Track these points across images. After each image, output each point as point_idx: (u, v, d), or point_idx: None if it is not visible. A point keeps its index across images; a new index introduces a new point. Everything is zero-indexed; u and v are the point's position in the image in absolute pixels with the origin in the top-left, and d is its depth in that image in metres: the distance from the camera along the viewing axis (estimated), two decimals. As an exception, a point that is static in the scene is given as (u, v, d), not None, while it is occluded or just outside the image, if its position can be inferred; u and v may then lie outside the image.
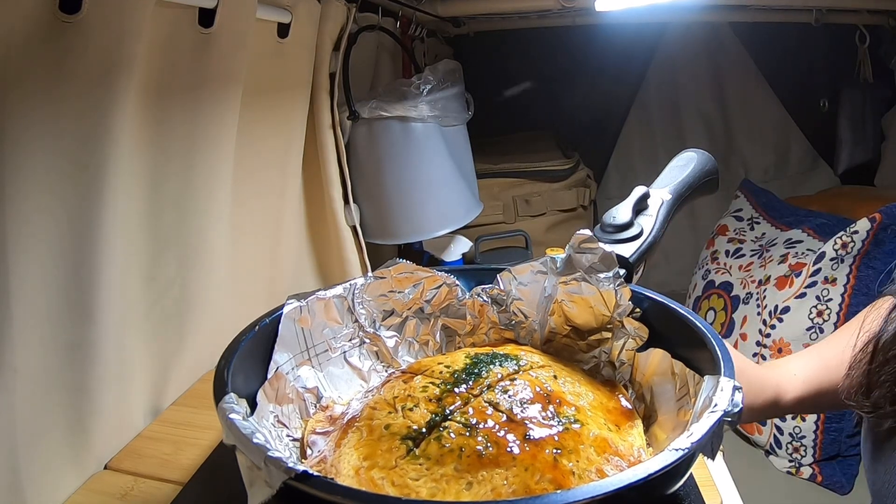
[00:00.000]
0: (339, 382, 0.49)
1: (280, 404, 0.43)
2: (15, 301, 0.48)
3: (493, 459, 0.36)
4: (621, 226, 0.51)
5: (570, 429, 0.39)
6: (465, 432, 0.37)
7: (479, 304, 0.54)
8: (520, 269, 0.52)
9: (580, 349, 0.51)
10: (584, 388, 0.44)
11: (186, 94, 0.65)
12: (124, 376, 0.63)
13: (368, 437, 0.39)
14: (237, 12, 0.67)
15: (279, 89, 0.86)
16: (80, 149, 0.51)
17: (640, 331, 0.47)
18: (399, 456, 0.37)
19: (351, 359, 0.51)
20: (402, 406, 0.41)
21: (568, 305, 0.50)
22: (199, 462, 0.60)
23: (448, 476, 0.35)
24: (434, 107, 1.02)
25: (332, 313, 0.50)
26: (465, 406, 0.40)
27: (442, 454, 0.36)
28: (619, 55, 1.81)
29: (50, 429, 0.54)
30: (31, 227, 0.49)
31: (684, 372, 0.42)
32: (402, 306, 0.53)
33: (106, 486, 0.58)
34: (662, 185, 0.55)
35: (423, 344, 0.54)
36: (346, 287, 0.51)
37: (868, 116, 1.72)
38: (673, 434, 0.40)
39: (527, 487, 0.35)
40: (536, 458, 0.36)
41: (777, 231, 1.43)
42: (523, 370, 0.44)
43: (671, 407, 0.43)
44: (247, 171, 0.81)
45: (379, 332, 0.52)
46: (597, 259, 0.47)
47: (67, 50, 0.48)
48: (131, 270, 0.63)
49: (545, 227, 1.48)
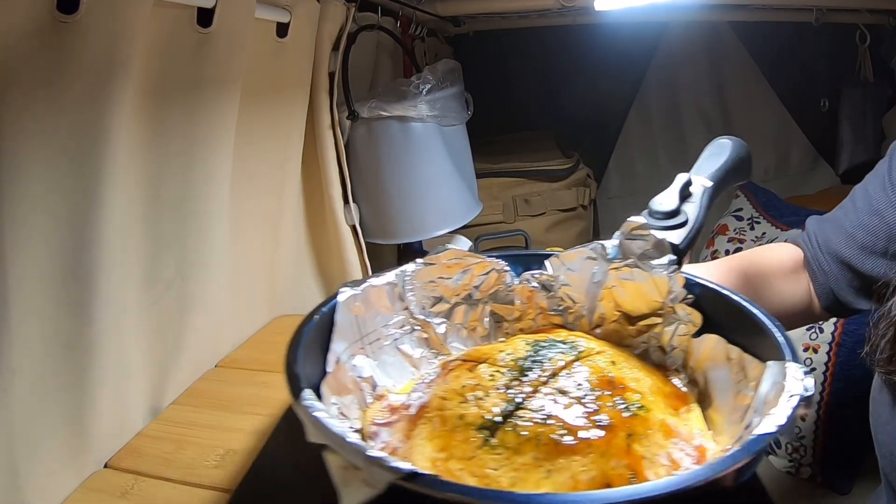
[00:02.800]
0: (392, 371, 0.49)
1: (341, 395, 0.43)
2: (13, 301, 0.48)
3: (569, 446, 0.36)
4: (669, 213, 0.51)
5: (637, 414, 0.39)
6: (540, 420, 0.37)
7: (528, 289, 0.54)
8: (568, 254, 0.52)
9: (629, 334, 0.51)
10: (641, 373, 0.45)
11: (185, 93, 0.65)
12: (123, 376, 0.63)
13: (442, 428, 0.39)
14: (236, 12, 0.67)
15: (278, 89, 0.86)
16: (78, 149, 0.51)
17: (693, 316, 0.47)
18: (476, 446, 0.37)
19: (402, 346, 0.51)
20: (473, 395, 0.40)
21: (619, 291, 0.50)
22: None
23: (527, 465, 0.35)
24: (433, 106, 1.02)
25: (384, 300, 0.50)
26: (535, 393, 0.40)
27: (519, 443, 0.36)
28: (618, 55, 1.80)
29: (49, 428, 0.54)
30: (29, 228, 0.49)
31: (741, 357, 0.42)
32: (451, 292, 0.53)
33: (106, 484, 0.58)
34: (701, 173, 0.56)
35: (470, 330, 0.54)
36: (398, 273, 0.51)
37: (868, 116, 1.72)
38: (732, 417, 0.41)
39: (604, 473, 0.35)
40: (610, 443, 0.36)
41: (777, 231, 1.43)
42: (583, 356, 0.44)
43: (728, 392, 0.43)
44: (246, 171, 0.81)
45: (429, 319, 0.52)
46: (649, 246, 0.48)
47: (65, 50, 0.48)
48: (130, 270, 0.63)
49: (545, 226, 1.48)
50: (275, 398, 0.72)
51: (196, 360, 0.76)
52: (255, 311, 0.91)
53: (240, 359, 0.83)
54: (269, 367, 0.80)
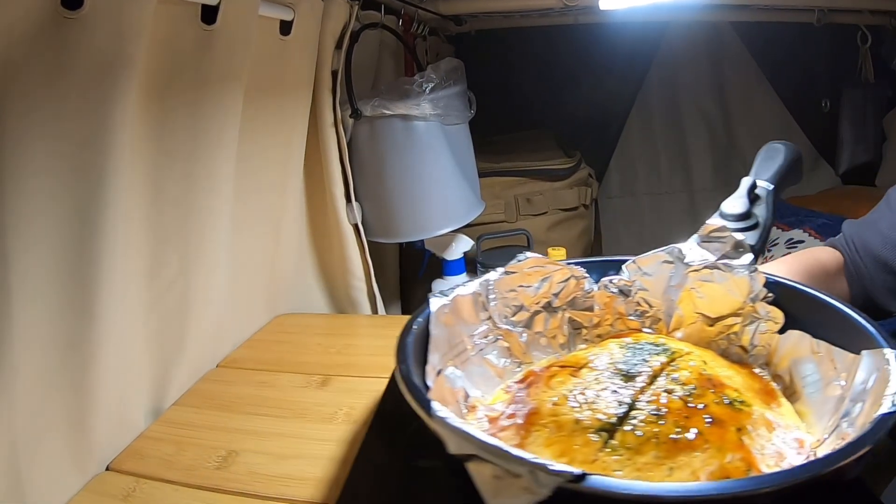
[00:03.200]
0: (479, 381, 0.49)
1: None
2: (16, 300, 0.47)
3: (687, 443, 0.36)
4: (740, 215, 0.53)
5: (741, 409, 0.40)
6: (654, 420, 0.38)
7: (607, 295, 0.55)
8: (644, 259, 0.53)
9: (709, 335, 0.52)
10: (731, 371, 0.45)
11: (189, 91, 0.65)
12: (125, 376, 0.63)
13: (558, 434, 0.39)
14: (240, 9, 0.66)
15: (281, 87, 0.86)
16: (82, 146, 0.51)
17: (774, 314, 0.48)
18: (596, 449, 0.37)
19: (488, 356, 0.51)
20: (584, 400, 0.41)
21: (698, 293, 0.51)
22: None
23: (649, 464, 0.36)
24: (436, 105, 1.02)
25: (470, 310, 0.50)
26: (642, 394, 0.41)
27: (639, 443, 0.37)
28: (620, 54, 1.80)
29: (51, 429, 0.54)
30: (32, 226, 0.48)
31: (829, 350, 0.43)
32: (531, 301, 0.53)
33: (108, 487, 0.57)
34: (761, 176, 0.57)
35: (550, 338, 0.54)
36: (482, 282, 0.51)
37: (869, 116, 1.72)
38: (822, 410, 0.42)
39: (722, 467, 0.36)
40: (724, 438, 0.37)
41: (778, 231, 1.43)
42: (676, 357, 0.45)
43: (816, 385, 0.44)
44: (248, 169, 0.81)
45: (512, 329, 0.52)
46: (728, 248, 0.49)
47: (70, 46, 0.47)
48: (132, 268, 0.63)
49: (547, 225, 1.48)
50: (275, 398, 0.72)
51: (197, 359, 0.76)
52: (255, 309, 0.91)
53: (240, 359, 0.82)
54: (269, 367, 0.79)
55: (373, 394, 0.71)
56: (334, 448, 0.61)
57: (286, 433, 0.64)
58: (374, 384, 0.74)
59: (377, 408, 0.60)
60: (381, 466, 0.52)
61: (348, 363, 0.79)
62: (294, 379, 0.76)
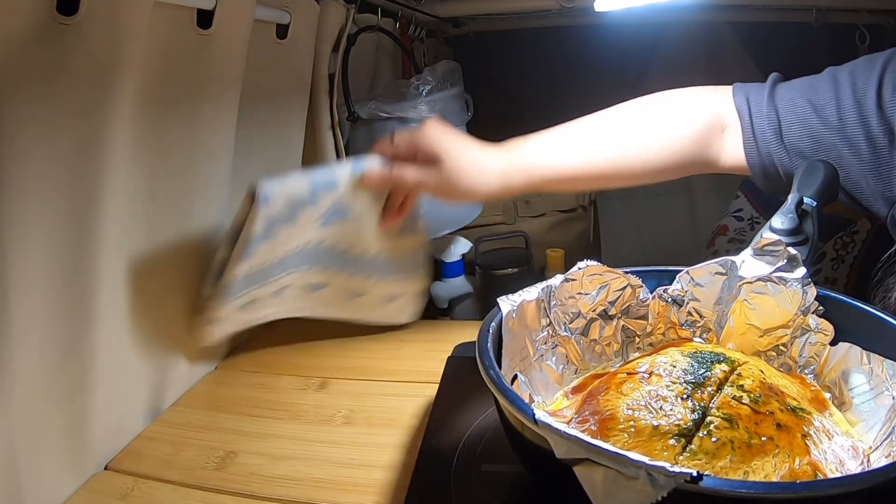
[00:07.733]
0: (539, 387, 0.50)
1: None
2: (13, 302, 0.48)
3: (760, 448, 0.38)
4: (790, 230, 0.54)
5: (803, 417, 0.41)
6: (728, 426, 0.39)
7: (661, 304, 0.56)
8: (697, 269, 0.55)
9: (759, 346, 0.53)
10: (785, 381, 0.46)
11: (185, 95, 0.65)
12: (124, 377, 0.63)
13: (637, 439, 0.40)
14: (236, 13, 0.67)
15: (278, 90, 0.86)
16: (78, 151, 0.51)
17: (823, 326, 0.50)
18: (676, 453, 0.38)
19: (548, 362, 0.52)
20: (659, 406, 0.42)
21: (751, 305, 0.52)
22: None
23: (726, 468, 0.37)
24: (434, 107, 1.02)
25: (534, 316, 0.51)
26: (712, 400, 0.42)
27: (716, 448, 0.38)
28: (618, 55, 1.80)
29: (49, 430, 0.54)
30: (29, 229, 0.49)
31: (880, 361, 0.45)
32: (588, 308, 0.55)
33: (106, 486, 0.58)
34: (804, 192, 0.58)
35: (605, 346, 0.56)
36: (543, 289, 0.52)
37: (868, 116, 1.71)
38: (873, 419, 0.43)
39: (792, 472, 0.37)
40: (792, 444, 0.38)
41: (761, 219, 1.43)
42: (738, 366, 0.46)
43: (867, 395, 0.45)
44: (245, 173, 0.81)
45: (570, 335, 0.53)
46: (782, 261, 0.51)
47: (65, 51, 0.47)
48: (130, 272, 0.63)
49: (545, 227, 1.48)
50: (273, 400, 0.72)
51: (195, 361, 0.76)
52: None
53: (238, 360, 0.83)
54: (267, 369, 0.80)
55: (371, 396, 0.72)
56: (332, 450, 0.62)
57: (284, 435, 0.65)
58: (372, 387, 0.74)
59: (430, 414, 0.61)
60: (441, 472, 0.52)
61: (347, 366, 0.79)
62: (293, 381, 0.76)
